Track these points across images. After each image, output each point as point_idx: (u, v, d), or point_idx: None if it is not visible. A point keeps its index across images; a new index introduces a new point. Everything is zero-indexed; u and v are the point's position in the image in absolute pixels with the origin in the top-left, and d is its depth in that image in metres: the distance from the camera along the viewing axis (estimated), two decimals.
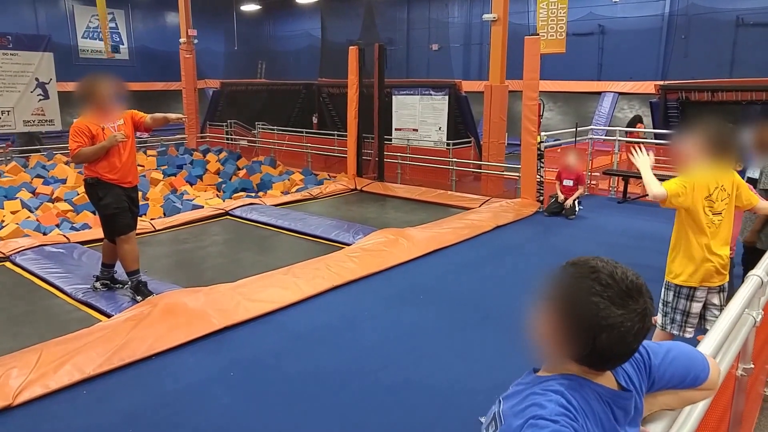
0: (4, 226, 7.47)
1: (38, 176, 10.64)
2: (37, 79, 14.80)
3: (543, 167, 7.90)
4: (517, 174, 8.51)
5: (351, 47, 10.18)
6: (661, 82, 11.28)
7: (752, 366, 2.12)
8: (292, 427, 2.92)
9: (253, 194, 9.92)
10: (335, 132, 12.67)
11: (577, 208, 7.37)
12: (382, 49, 10.43)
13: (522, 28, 12.54)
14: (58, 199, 9.16)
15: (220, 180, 11.24)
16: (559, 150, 8.84)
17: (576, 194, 7.41)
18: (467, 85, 12.19)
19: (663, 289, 3.06)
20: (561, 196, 7.46)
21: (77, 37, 20.63)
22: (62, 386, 3.20)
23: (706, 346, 1.50)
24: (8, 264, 5.54)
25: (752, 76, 12.03)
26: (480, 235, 6.54)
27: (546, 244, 6.41)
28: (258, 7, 24.57)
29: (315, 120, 14.37)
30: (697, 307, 2.99)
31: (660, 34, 16.82)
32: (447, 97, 11.03)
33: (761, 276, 2.05)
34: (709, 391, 1.27)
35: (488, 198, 8.51)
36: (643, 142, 10.71)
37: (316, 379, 3.39)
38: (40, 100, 14.97)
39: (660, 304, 3.09)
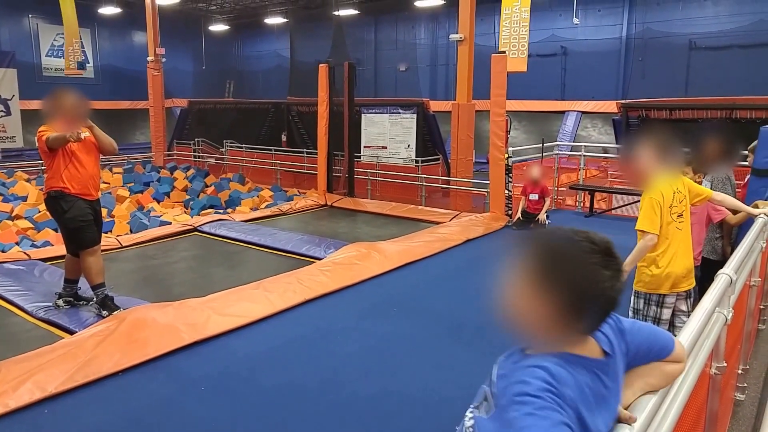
0: None
1: None
2: None
3: (511, 182, 8.07)
4: (485, 190, 8.66)
5: (321, 65, 10.26)
6: (623, 101, 11.71)
7: (725, 364, 2.15)
8: None
9: (221, 211, 9.81)
10: (305, 149, 12.69)
11: (546, 222, 7.52)
12: (351, 67, 10.55)
13: (487, 49, 12.88)
14: (18, 217, 8.88)
15: (187, 197, 11.08)
16: (525, 167, 9.05)
17: (545, 207, 7.56)
18: (434, 105, 12.41)
19: (632, 297, 3.10)
20: (522, 209, 7.63)
21: (41, 55, 20.21)
22: (22, 405, 3.07)
23: (682, 342, 1.48)
24: None
25: (705, 95, 12.61)
26: (451, 249, 6.61)
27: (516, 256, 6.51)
28: (226, 27, 24.61)
29: (284, 138, 14.36)
30: (667, 313, 3.03)
31: (619, 56, 17.53)
32: (415, 115, 11.20)
33: (730, 274, 2.08)
34: (681, 364, 1.29)
35: (458, 213, 8.62)
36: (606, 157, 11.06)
37: (291, 390, 3.35)
38: (2, 116, 14.60)
39: (630, 312, 3.14)
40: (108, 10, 19.84)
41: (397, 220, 8.64)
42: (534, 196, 7.64)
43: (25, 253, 6.27)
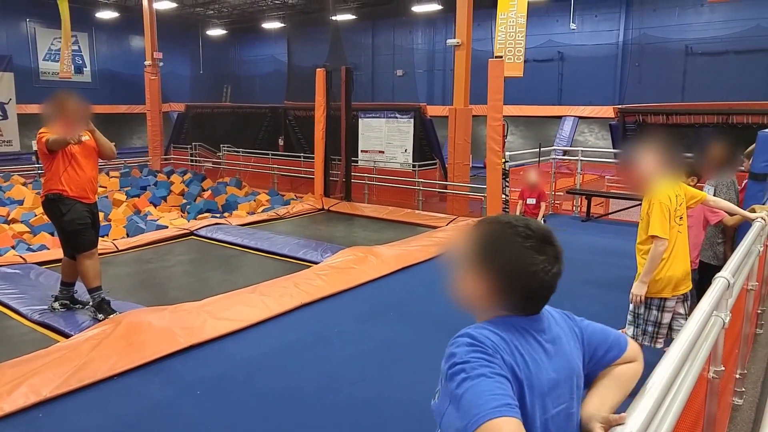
0: None
1: None
2: None
3: (508, 186, 8.08)
4: (482, 194, 8.67)
5: (318, 69, 10.28)
6: (620, 106, 11.76)
7: (723, 368, 2.13)
8: None
9: (218, 215, 9.80)
10: (302, 154, 12.70)
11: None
12: (349, 71, 10.57)
13: (484, 54, 12.92)
14: (14, 221, 8.86)
15: (184, 201, 11.07)
16: (522, 172, 9.07)
17: (542, 212, 7.56)
18: (431, 110, 12.44)
19: (636, 306, 3.08)
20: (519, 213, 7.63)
21: (38, 59, 20.18)
22: (17, 409, 3.05)
23: (677, 347, 1.48)
24: None
25: (701, 100, 12.66)
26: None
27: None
28: (224, 31, 24.64)
29: (281, 142, 14.36)
30: (667, 317, 3.05)
31: (616, 61, 17.61)
32: (412, 120, 11.23)
33: (727, 278, 2.07)
34: (636, 364, 1.28)
35: (455, 217, 8.63)
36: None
37: (287, 394, 3.33)
38: None
39: (630, 316, 3.14)
40: (105, 15, 19.85)
41: (394, 225, 8.64)
42: (531, 201, 7.63)
43: (21, 256, 6.25)
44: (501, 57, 8.07)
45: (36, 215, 8.83)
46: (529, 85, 17.60)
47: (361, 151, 11.77)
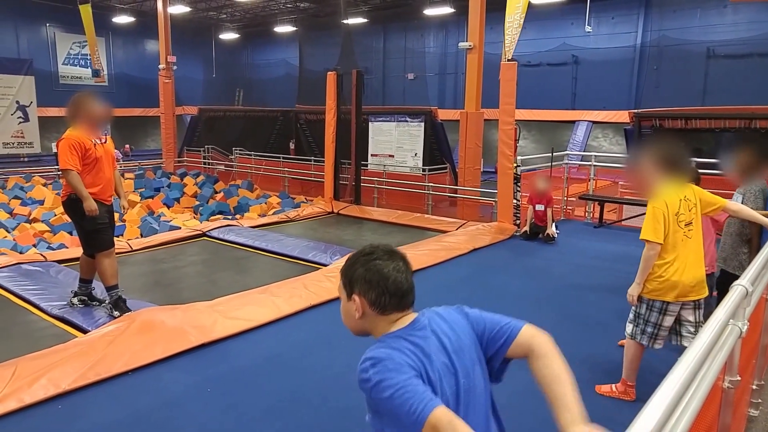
0: None
1: (16, 197, 10.55)
2: (17, 102, 14.73)
3: (519, 191, 8.10)
4: (493, 199, 8.69)
5: (329, 72, 10.38)
6: (635, 111, 11.64)
7: (739, 378, 2.09)
8: None
9: (230, 217, 9.92)
10: (312, 157, 12.81)
11: (555, 233, 7.53)
12: (360, 75, 10.66)
13: (497, 58, 12.95)
14: (35, 220, 9.08)
15: (197, 203, 11.23)
16: (531, 177, 9.08)
17: (549, 218, 7.58)
18: (442, 114, 12.49)
19: (638, 307, 3.13)
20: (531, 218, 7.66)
21: (58, 63, 20.55)
22: (37, 401, 3.16)
23: (691, 355, 1.46)
24: None
25: (723, 105, 12.42)
26: (457, 258, 6.65)
27: (523, 266, 6.51)
28: (236, 35, 24.90)
29: (292, 146, 14.50)
30: (669, 320, 3.04)
31: (632, 65, 17.45)
32: (423, 124, 11.28)
33: (746, 285, 2.01)
34: (542, 348, 1.49)
35: (465, 222, 8.66)
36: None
37: (294, 396, 3.40)
38: (21, 122, 14.88)
39: (632, 314, 3.18)
40: (122, 19, 20.16)
41: (403, 229, 8.70)
42: (540, 207, 7.67)
43: (41, 254, 6.42)
44: (514, 60, 8.09)
45: (56, 215, 9.03)
46: (542, 90, 17.60)
47: (371, 154, 11.85)
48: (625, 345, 3.25)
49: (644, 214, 3.03)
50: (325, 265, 6.14)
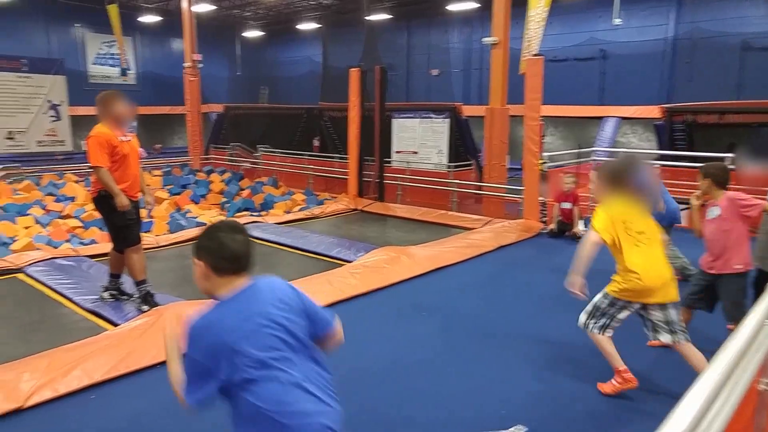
0: (17, 240, 7.61)
1: (50, 194, 10.85)
2: (49, 101, 15.10)
3: (546, 189, 7.99)
4: (519, 196, 8.60)
5: (353, 69, 10.39)
6: (667, 105, 11.33)
7: None
8: None
9: (255, 213, 10.02)
10: (336, 154, 12.84)
11: (583, 231, 7.41)
12: (383, 71, 10.64)
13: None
14: (68, 216, 9.31)
15: (223, 199, 11.36)
16: (560, 174, 8.95)
17: (576, 216, 7.46)
18: (468, 110, 12.38)
19: (599, 296, 3.28)
20: (558, 217, 7.55)
21: (88, 62, 21.01)
22: (71, 390, 3.25)
23: (725, 355, 1.41)
24: (21, 275, 5.65)
25: (760, 98, 12.00)
26: (482, 255, 6.60)
27: (549, 263, 6.43)
28: (260, 33, 25.09)
29: (316, 143, 14.56)
30: (624, 315, 3.22)
31: (663, 58, 16.99)
32: (447, 120, 11.21)
33: None
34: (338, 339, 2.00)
35: (490, 219, 8.58)
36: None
37: None
38: (53, 121, 15.26)
39: (590, 306, 3.31)
40: (148, 19, 20.51)
41: (428, 226, 8.67)
42: (567, 205, 7.56)
43: (74, 249, 6.58)
44: (541, 55, 7.97)
45: (86, 211, 9.24)
46: (568, 85, 17.31)
47: (395, 151, 11.83)
48: (594, 340, 3.31)
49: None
50: (349, 262, 6.16)
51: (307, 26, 23.13)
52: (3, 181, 12.25)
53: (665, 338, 3.13)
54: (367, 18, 19.15)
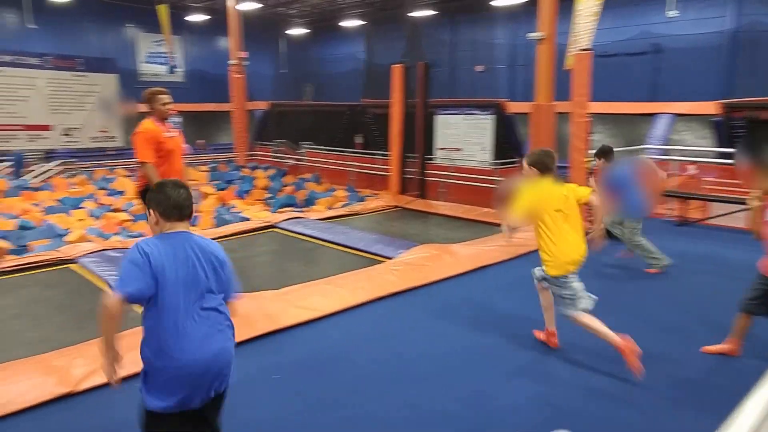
0: (71, 232, 7.94)
1: (102, 188, 11.29)
2: (102, 99, 15.69)
3: (593, 187, 7.74)
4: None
5: (395, 66, 10.34)
6: (725, 101, 10.78)
7: None
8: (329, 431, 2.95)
9: (298, 209, 10.13)
10: (379, 151, 12.84)
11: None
12: (426, 67, 10.55)
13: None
14: (118, 209, 9.65)
15: (267, 195, 11.53)
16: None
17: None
18: (513, 107, 12.14)
19: (557, 287, 3.61)
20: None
21: (139, 61, 21.76)
22: (127, 375, 3.31)
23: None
24: (74, 266, 5.89)
25: None
26: (528, 254, 6.44)
27: (597, 266, 6.20)
28: (305, 30, 25.35)
29: (359, 140, 14.60)
30: (579, 285, 3.60)
31: (721, 52, 16.20)
32: (492, 117, 11.02)
33: None
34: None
35: None
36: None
37: (357, 386, 3.41)
38: (105, 118, 15.85)
39: (562, 299, 3.60)
40: (196, 18, 21.05)
41: (471, 224, 8.55)
42: None
43: (122, 242, 6.80)
44: (590, 49, 7.72)
45: (135, 205, 9.55)
46: (618, 81, 16.75)
47: (438, 148, 11.72)
48: (580, 321, 3.59)
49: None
50: (389, 258, 6.13)
51: (350, 23, 23.22)
52: (60, 175, 12.83)
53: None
54: (410, 14, 19.09)
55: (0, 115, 14.31)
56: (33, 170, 13.25)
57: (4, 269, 5.86)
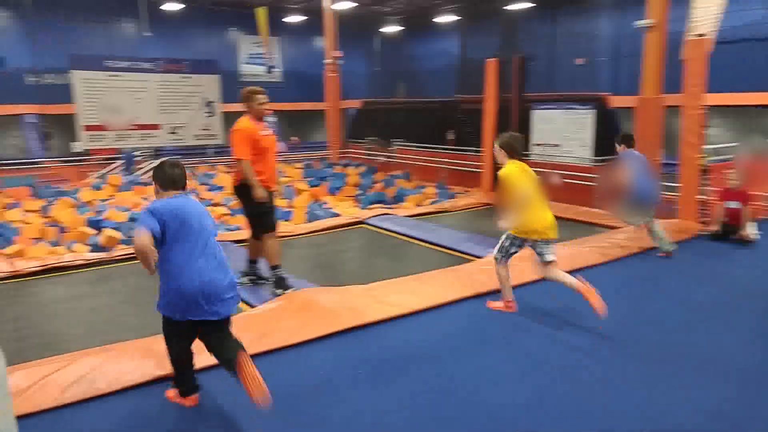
0: None
1: (203, 183, 11.96)
2: (205, 99, 16.67)
3: (708, 185, 7.05)
4: (674, 194, 7.70)
5: (489, 60, 10.04)
6: None
7: None
8: (417, 431, 2.85)
9: (388, 206, 10.13)
10: (471, 148, 12.56)
11: (754, 234, 6.43)
12: (522, 61, 10.15)
13: (681, 37, 11.45)
14: (217, 204, 10.17)
15: (358, 192, 11.66)
16: (726, 169, 7.84)
17: (746, 217, 6.48)
18: (616, 101, 11.41)
19: (504, 237, 4.27)
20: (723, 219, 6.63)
21: (240, 62, 22.94)
22: (209, 365, 3.41)
23: None
24: None
25: None
26: (626, 257, 5.99)
27: (710, 271, 5.64)
28: (399, 28, 25.45)
29: (450, 136, 14.39)
30: (516, 250, 4.30)
31: None
32: (593, 111, 10.41)
33: None
34: None
35: None
36: None
37: (442, 386, 3.28)
38: (207, 117, 16.84)
39: (499, 244, 4.32)
40: (293, 19, 21.80)
41: (567, 223, 8.08)
42: (733, 204, 6.60)
43: (220, 235, 7.11)
44: (704, 35, 7.03)
45: (234, 199, 10.01)
46: (740, 70, 15.21)
47: (534, 144, 11.25)
48: (496, 270, 4.39)
49: None
50: (479, 257, 5.93)
51: (444, 19, 23.01)
52: None
53: (549, 257, 4.21)
54: (507, 8, 18.54)
55: (117, 116, 15.62)
56: (143, 167, 14.35)
57: (115, 258, 6.35)
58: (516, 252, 4.29)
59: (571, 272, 5.40)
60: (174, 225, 2.78)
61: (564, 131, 10.76)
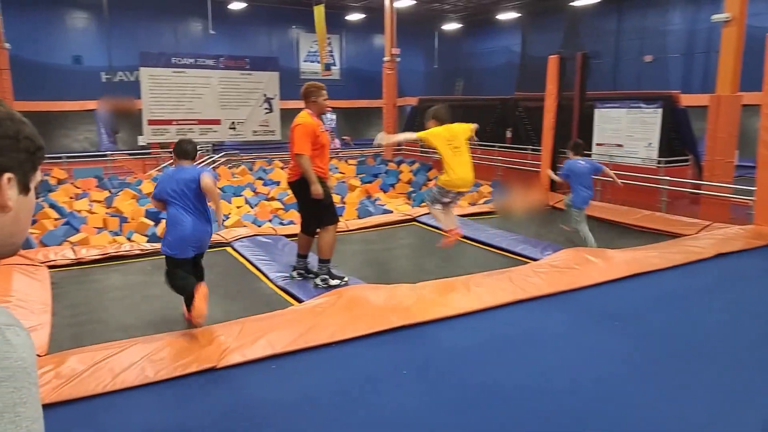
0: (229, 217, 8.68)
1: (259, 178, 12.21)
2: (264, 95, 17.01)
3: None
4: (750, 198, 7.18)
5: (551, 56, 9.71)
6: None
7: None
8: None
9: None
10: (529, 146, 12.21)
11: None
12: (585, 58, 9.76)
13: (761, 32, 10.68)
14: (272, 198, 10.35)
15: (410, 189, 11.58)
16: None
17: None
18: (687, 99, 10.77)
19: (434, 187, 5.31)
20: None
21: (299, 60, 23.30)
22: (256, 358, 3.45)
23: None
24: (229, 249, 6.35)
25: None
26: (695, 263, 5.60)
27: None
28: (458, 25, 25.13)
29: (509, 134, 14.05)
30: (447, 201, 5.34)
31: None
32: (660, 110, 9.88)
33: None
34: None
35: (709, 223, 7.29)
36: None
37: (490, 389, 3.15)
38: (266, 113, 17.18)
39: (429, 195, 5.41)
40: (353, 17, 21.91)
41: (629, 229, 7.70)
42: None
43: (273, 229, 7.22)
44: None
45: (288, 194, 10.15)
46: None
47: (596, 144, 10.80)
48: (430, 211, 5.56)
49: None
50: (534, 260, 5.71)
51: (506, 16, 22.55)
52: (224, 165, 14.14)
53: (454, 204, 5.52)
54: (572, 4, 17.92)
55: (180, 111, 16.17)
56: (202, 161, 14.80)
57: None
58: (447, 202, 5.35)
59: (632, 277, 5.14)
60: (171, 190, 3.97)
61: (628, 131, 10.27)
